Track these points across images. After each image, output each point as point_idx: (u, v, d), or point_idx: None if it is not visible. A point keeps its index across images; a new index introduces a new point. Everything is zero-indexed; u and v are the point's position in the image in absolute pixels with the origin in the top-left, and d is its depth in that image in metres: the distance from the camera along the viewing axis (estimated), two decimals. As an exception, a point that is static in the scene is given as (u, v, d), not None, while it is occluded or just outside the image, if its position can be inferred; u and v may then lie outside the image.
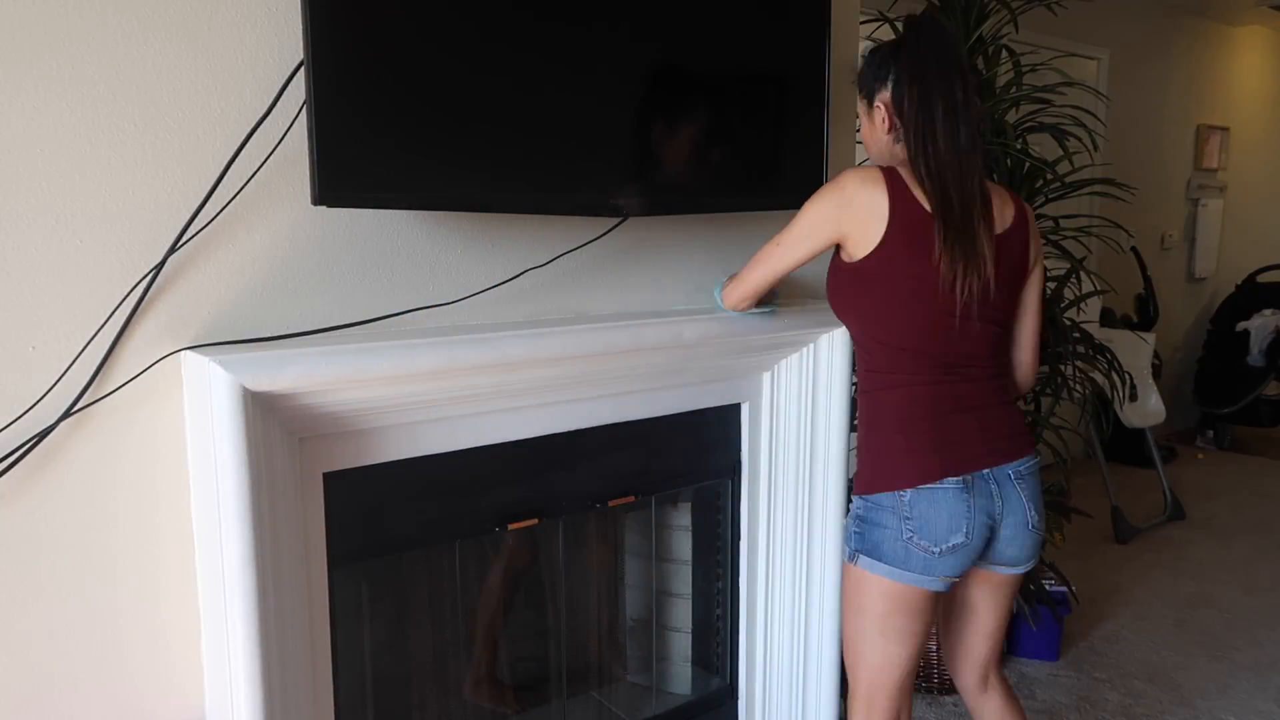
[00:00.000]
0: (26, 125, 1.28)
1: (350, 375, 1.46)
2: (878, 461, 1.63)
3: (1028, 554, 1.67)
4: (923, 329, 1.58)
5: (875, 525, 1.60)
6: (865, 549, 1.62)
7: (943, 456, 1.58)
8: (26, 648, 1.35)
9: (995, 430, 1.62)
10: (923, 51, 1.56)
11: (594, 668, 2.28)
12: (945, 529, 1.57)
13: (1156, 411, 4.50)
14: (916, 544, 1.57)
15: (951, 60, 1.56)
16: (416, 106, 1.46)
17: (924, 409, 1.60)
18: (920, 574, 1.58)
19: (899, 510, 1.58)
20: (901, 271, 1.56)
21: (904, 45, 1.59)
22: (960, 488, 1.57)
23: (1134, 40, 5.09)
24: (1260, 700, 2.74)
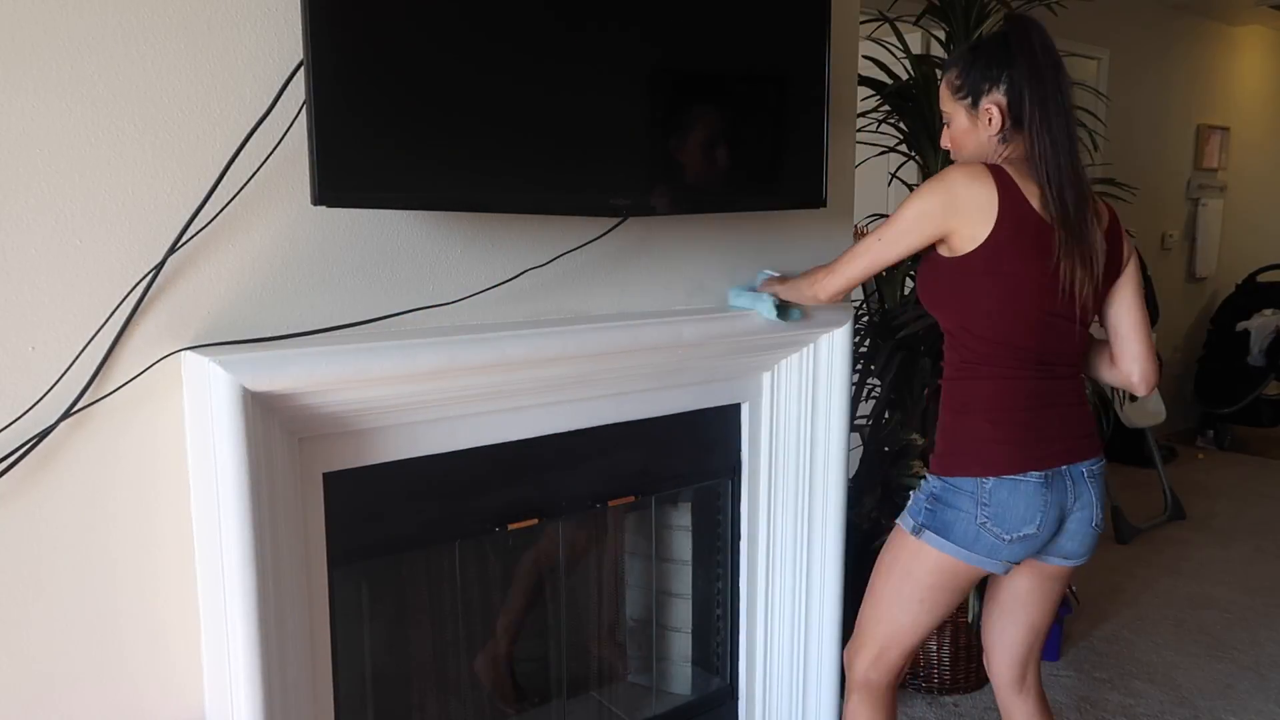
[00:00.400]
0: (26, 125, 1.28)
1: (350, 375, 1.46)
2: (963, 446, 1.65)
3: (1086, 549, 1.71)
4: (1023, 327, 1.60)
5: (949, 506, 1.63)
6: (935, 526, 1.64)
7: (1028, 450, 1.61)
8: (26, 648, 1.35)
9: (1076, 428, 1.66)
10: (1036, 51, 1.57)
11: (594, 668, 2.28)
12: (1020, 519, 1.60)
13: (1156, 411, 4.49)
14: (989, 529, 1.60)
15: (1058, 60, 1.58)
16: (416, 106, 1.46)
17: (1015, 401, 1.62)
18: (985, 556, 1.62)
19: (978, 496, 1.60)
20: (1006, 269, 1.57)
21: (1015, 45, 1.59)
22: (1041, 482, 1.60)
23: (1134, 40, 5.08)
24: (1260, 700, 2.73)
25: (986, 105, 1.63)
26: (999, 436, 1.62)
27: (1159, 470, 4.37)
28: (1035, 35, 1.59)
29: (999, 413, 1.63)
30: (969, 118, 1.67)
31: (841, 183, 2.21)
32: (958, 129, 1.70)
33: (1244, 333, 5.52)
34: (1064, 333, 1.63)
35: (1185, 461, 5.28)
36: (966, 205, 1.56)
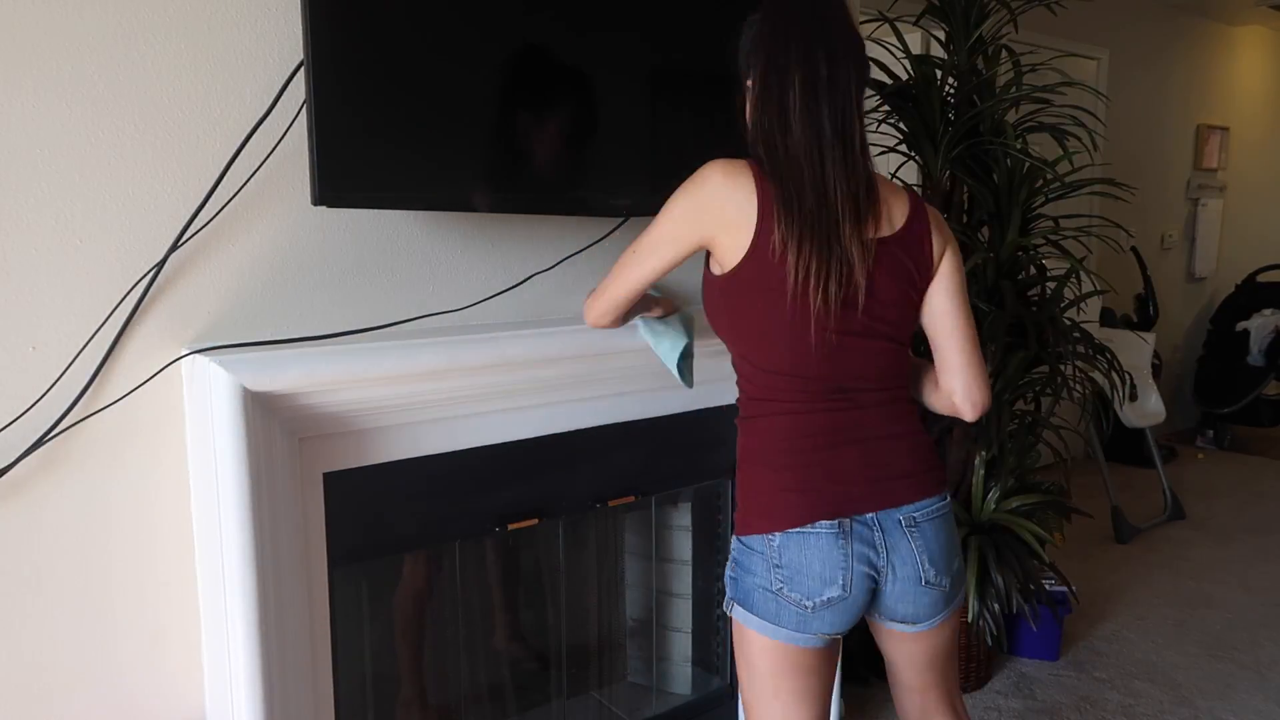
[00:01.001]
0: (26, 125, 1.28)
1: (350, 375, 1.46)
2: (749, 499, 1.40)
3: (927, 613, 1.41)
4: (799, 349, 1.34)
5: (747, 572, 1.38)
6: (738, 598, 1.40)
7: (817, 496, 1.35)
8: (26, 648, 1.35)
9: (885, 467, 1.38)
10: (780, 21, 1.33)
11: (594, 668, 2.28)
12: (818, 580, 1.33)
13: (1156, 411, 4.50)
14: (787, 596, 1.35)
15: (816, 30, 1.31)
16: (416, 106, 1.46)
17: (800, 441, 1.37)
18: (794, 631, 1.36)
19: (769, 556, 1.35)
20: (775, 284, 1.31)
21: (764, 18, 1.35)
22: (835, 533, 1.34)
23: (1134, 40, 5.09)
24: (1260, 700, 2.73)
25: (746, 86, 1.40)
26: (784, 483, 1.36)
27: (1159, 470, 4.38)
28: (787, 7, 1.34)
29: (784, 455, 1.37)
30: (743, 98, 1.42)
31: (841, 183, 2.21)
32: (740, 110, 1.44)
33: (1244, 333, 5.52)
34: (857, 351, 1.36)
35: (1185, 461, 5.28)
36: (724, 209, 1.32)
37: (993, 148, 2.62)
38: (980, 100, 2.66)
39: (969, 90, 2.68)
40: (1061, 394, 2.72)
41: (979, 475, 2.72)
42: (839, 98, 1.31)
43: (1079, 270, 2.68)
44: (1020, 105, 2.71)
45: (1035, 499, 2.72)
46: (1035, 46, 3.12)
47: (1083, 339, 2.72)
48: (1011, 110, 2.70)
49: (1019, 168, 2.63)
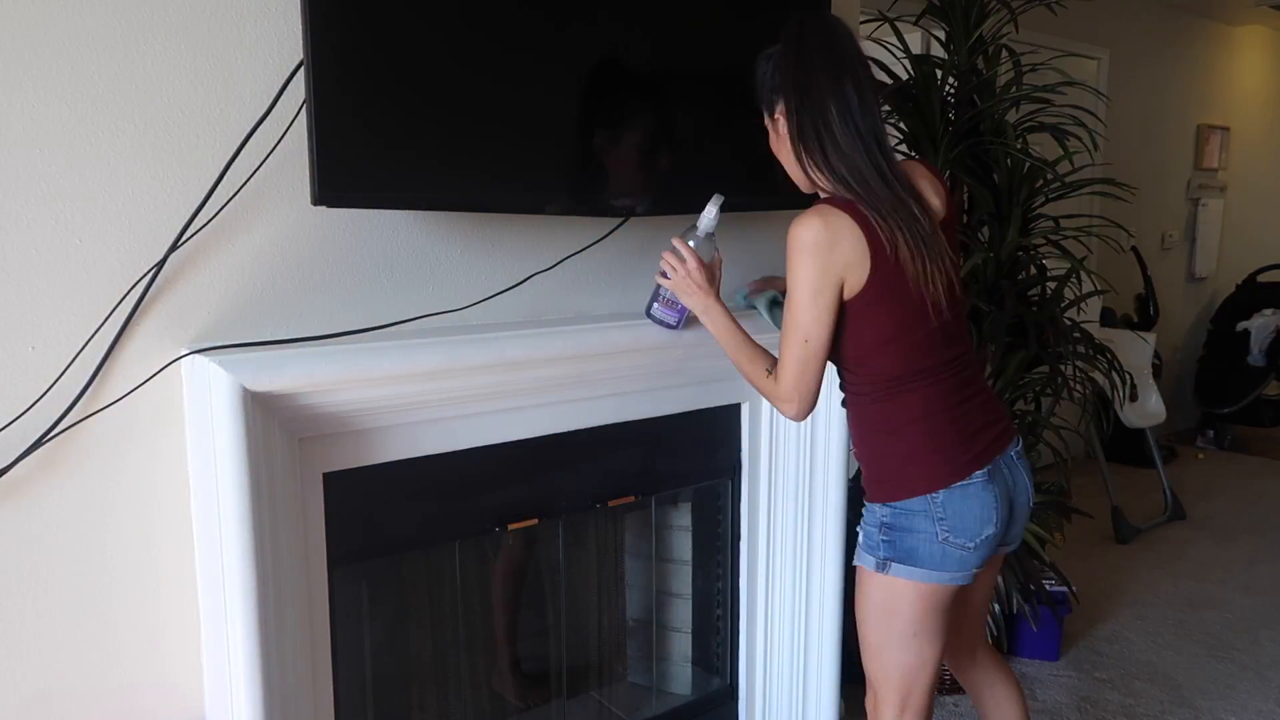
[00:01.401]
0: (26, 125, 1.28)
1: (350, 375, 1.46)
2: (902, 467, 1.58)
3: (1020, 532, 1.70)
4: (927, 332, 1.54)
5: (907, 531, 1.56)
6: (898, 556, 1.57)
7: (967, 451, 1.56)
8: (27, 648, 1.35)
9: (994, 415, 1.62)
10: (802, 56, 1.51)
11: (594, 668, 2.28)
12: (979, 522, 1.56)
13: (1156, 411, 4.49)
14: (952, 543, 1.55)
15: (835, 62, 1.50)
16: (416, 106, 1.46)
17: (943, 406, 1.57)
18: (955, 572, 1.57)
19: (932, 512, 1.55)
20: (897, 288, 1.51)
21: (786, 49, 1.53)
22: (986, 479, 1.57)
23: (1134, 40, 5.08)
24: (1260, 700, 2.73)
25: (777, 115, 1.57)
26: (937, 445, 1.57)
27: (1159, 470, 4.37)
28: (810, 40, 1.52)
29: (930, 422, 1.57)
30: (773, 130, 1.61)
31: (841, 183, 2.21)
32: (772, 141, 1.63)
33: (1244, 333, 5.52)
34: (957, 321, 1.59)
35: (1185, 461, 5.28)
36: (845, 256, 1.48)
37: (993, 148, 2.62)
38: (980, 100, 2.66)
39: (969, 90, 2.68)
40: (1062, 394, 2.72)
41: (979, 475, 2.72)
42: (869, 118, 1.50)
43: (1079, 270, 2.68)
44: (1020, 105, 2.71)
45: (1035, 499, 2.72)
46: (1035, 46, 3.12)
47: (1083, 339, 2.72)
48: (1012, 110, 2.69)
49: (1019, 168, 2.63)
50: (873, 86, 1.52)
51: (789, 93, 1.52)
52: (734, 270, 2.06)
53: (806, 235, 1.48)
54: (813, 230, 1.47)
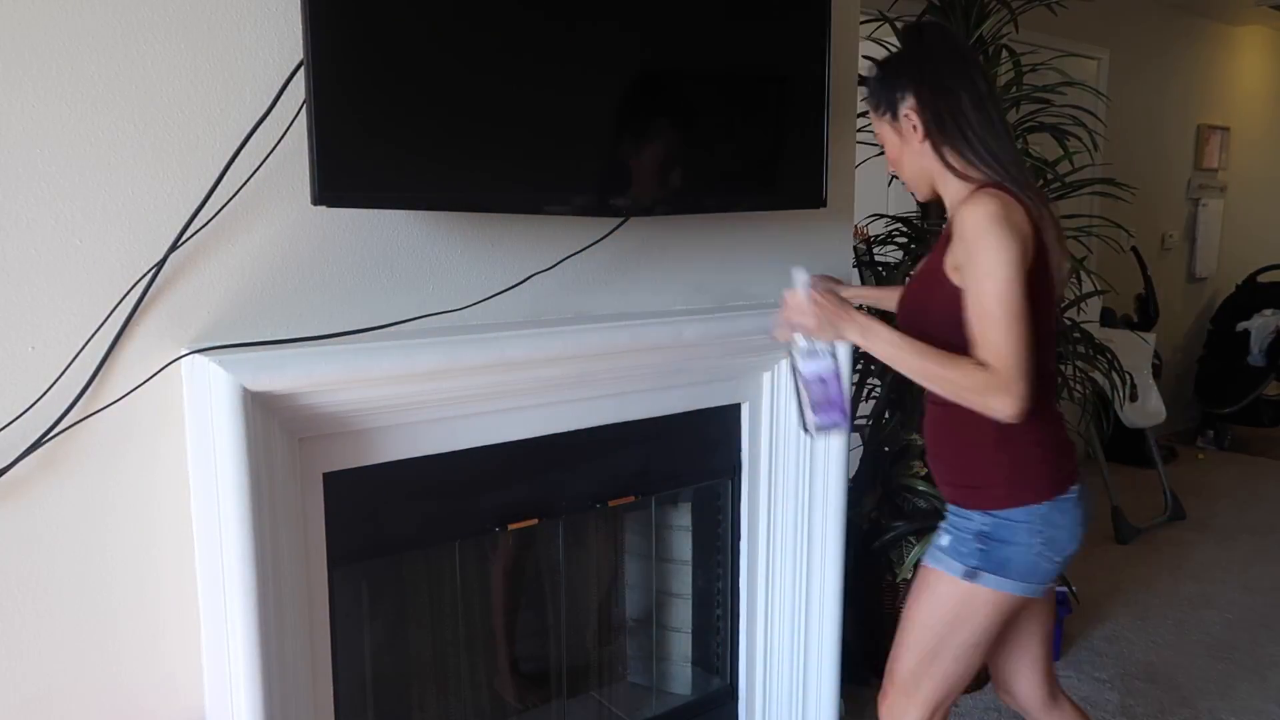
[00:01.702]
0: (26, 125, 1.28)
1: (350, 375, 1.46)
2: (1012, 475, 1.52)
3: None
4: (1049, 339, 1.51)
5: (1007, 543, 1.51)
6: (990, 566, 1.52)
7: (1068, 462, 1.54)
8: (27, 648, 1.35)
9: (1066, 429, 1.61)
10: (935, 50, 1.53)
11: (594, 668, 2.28)
12: (1070, 537, 1.53)
13: (1157, 411, 4.49)
14: (1044, 555, 1.52)
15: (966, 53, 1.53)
16: (416, 106, 1.46)
17: (1051, 412, 1.54)
18: (1040, 584, 1.55)
19: (1034, 524, 1.50)
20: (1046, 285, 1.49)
21: (910, 49, 1.56)
22: (1079, 493, 1.54)
23: (1134, 40, 5.08)
24: (1260, 700, 2.73)
25: (905, 112, 1.54)
26: (1045, 456, 1.53)
27: (1159, 470, 4.37)
28: (930, 35, 1.55)
29: (1043, 430, 1.53)
30: (894, 131, 1.59)
31: (841, 183, 2.21)
32: (891, 148, 1.62)
33: (1244, 333, 5.52)
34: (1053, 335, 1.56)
35: (1185, 461, 5.28)
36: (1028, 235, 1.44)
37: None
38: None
39: (969, 90, 2.67)
40: (1061, 394, 2.72)
41: (979, 475, 2.72)
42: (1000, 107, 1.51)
43: (1079, 270, 2.68)
44: (1021, 105, 2.71)
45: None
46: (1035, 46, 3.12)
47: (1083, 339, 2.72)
48: (1012, 110, 2.70)
49: (1019, 168, 2.63)
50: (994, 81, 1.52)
51: (920, 86, 1.51)
52: (735, 270, 2.06)
53: (994, 207, 1.41)
54: (998, 202, 1.41)
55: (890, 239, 2.94)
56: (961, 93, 1.48)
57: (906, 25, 1.58)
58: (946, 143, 1.51)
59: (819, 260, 2.22)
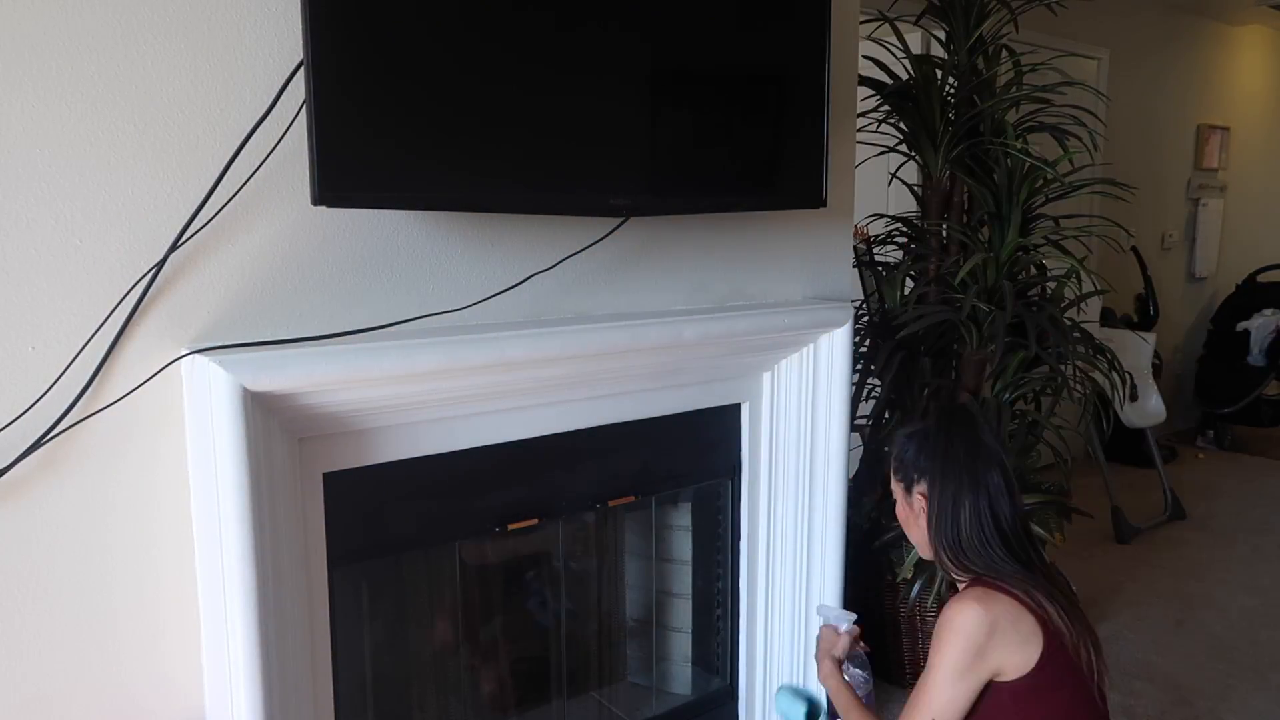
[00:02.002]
0: (26, 125, 1.28)
1: (350, 375, 1.46)
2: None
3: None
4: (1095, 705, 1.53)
5: None
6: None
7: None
8: (27, 648, 1.35)
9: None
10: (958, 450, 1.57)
11: (594, 668, 2.28)
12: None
13: (1157, 411, 4.49)
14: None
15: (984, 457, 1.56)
16: (416, 106, 1.46)
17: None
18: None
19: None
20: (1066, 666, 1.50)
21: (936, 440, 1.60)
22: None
23: (1134, 40, 5.08)
24: (1260, 700, 2.73)
25: (917, 494, 1.62)
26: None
27: (1159, 470, 4.37)
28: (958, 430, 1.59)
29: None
30: (906, 502, 1.66)
31: (841, 183, 2.21)
32: (901, 510, 1.68)
33: (1244, 333, 5.52)
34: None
35: (1185, 461, 5.28)
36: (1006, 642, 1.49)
37: (993, 147, 2.62)
38: (980, 100, 2.66)
39: (969, 90, 2.68)
40: (1062, 394, 2.72)
41: (979, 475, 2.72)
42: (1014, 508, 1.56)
43: (1079, 270, 2.68)
44: (1020, 105, 2.71)
45: (1036, 499, 2.72)
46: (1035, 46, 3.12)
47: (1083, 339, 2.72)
48: (1012, 110, 2.69)
49: (1019, 167, 2.63)
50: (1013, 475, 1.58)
51: (934, 482, 1.58)
52: (736, 271, 2.06)
53: (963, 622, 1.47)
54: (971, 618, 1.47)
55: (890, 239, 2.94)
56: (966, 503, 1.54)
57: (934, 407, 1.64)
58: (943, 544, 1.57)
59: (819, 259, 2.22)
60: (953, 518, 1.55)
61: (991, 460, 1.57)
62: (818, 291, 2.22)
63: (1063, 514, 2.81)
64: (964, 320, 2.57)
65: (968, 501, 1.55)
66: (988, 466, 1.56)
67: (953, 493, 1.56)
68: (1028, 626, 1.48)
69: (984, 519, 1.54)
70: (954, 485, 1.56)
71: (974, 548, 1.54)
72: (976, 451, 1.57)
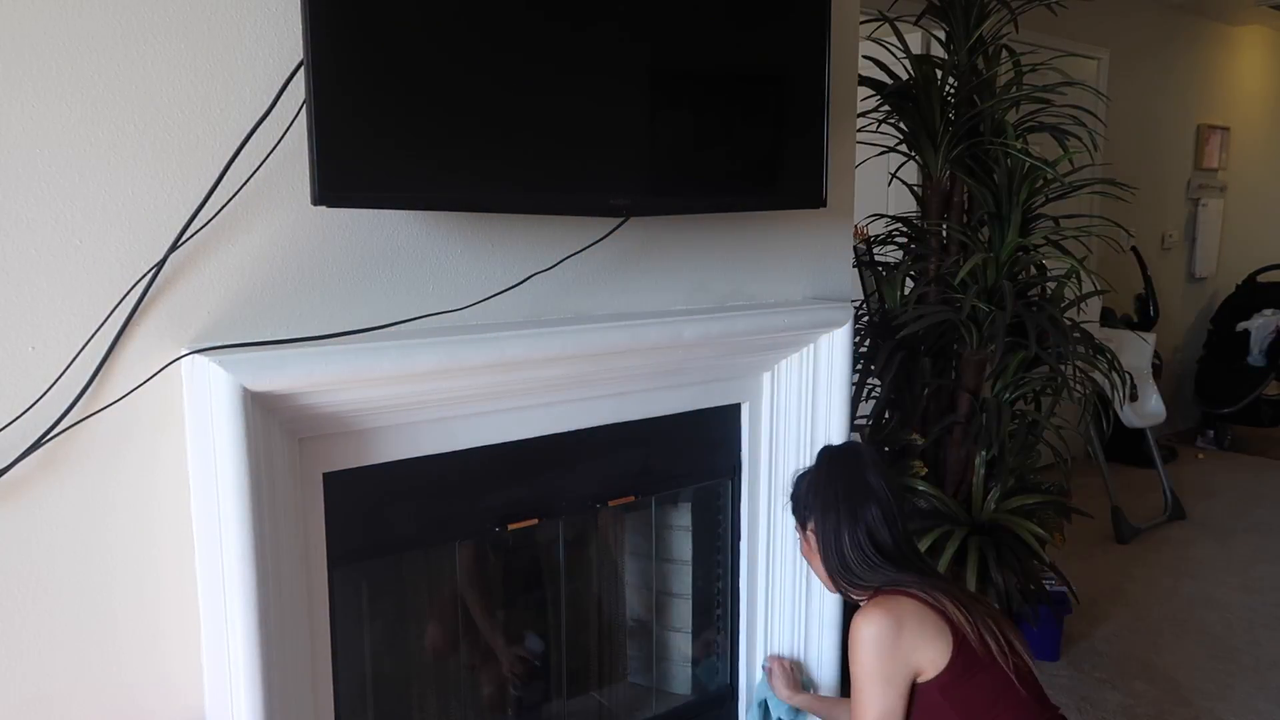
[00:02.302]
0: (26, 125, 1.28)
1: (350, 375, 1.46)
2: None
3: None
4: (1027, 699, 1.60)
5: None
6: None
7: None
8: (26, 648, 1.35)
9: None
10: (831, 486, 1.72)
11: (594, 668, 2.28)
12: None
13: (1156, 411, 4.49)
14: None
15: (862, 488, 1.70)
16: (416, 106, 1.46)
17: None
18: None
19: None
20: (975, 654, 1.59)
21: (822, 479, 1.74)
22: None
23: (1134, 40, 5.08)
24: (1260, 700, 2.73)
25: (810, 530, 1.75)
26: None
27: (1159, 470, 4.37)
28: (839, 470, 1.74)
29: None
30: (803, 537, 1.79)
31: (841, 183, 2.21)
32: (802, 546, 1.81)
33: (1244, 333, 5.52)
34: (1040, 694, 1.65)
35: (1185, 461, 5.28)
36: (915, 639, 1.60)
37: (993, 148, 2.62)
38: (980, 100, 2.66)
39: (969, 90, 2.68)
40: (1061, 394, 2.72)
41: (979, 475, 2.72)
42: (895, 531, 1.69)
43: (1079, 270, 2.68)
44: (1020, 105, 2.71)
45: (1035, 499, 2.72)
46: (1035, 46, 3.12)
47: (1083, 339, 2.72)
48: (1012, 110, 2.70)
49: (1019, 167, 2.63)
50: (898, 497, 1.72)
51: (820, 517, 1.72)
52: (736, 271, 2.06)
53: (870, 629, 1.58)
54: (875, 625, 1.58)
55: (890, 239, 2.94)
56: (845, 536, 1.68)
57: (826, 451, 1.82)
58: (835, 572, 1.71)
59: (819, 260, 2.22)
60: (837, 550, 1.69)
61: (870, 496, 1.70)
62: (818, 291, 2.22)
63: (1063, 514, 2.81)
64: (964, 320, 2.57)
65: (846, 534, 1.68)
66: (865, 502, 1.69)
67: (833, 527, 1.70)
68: (933, 622, 1.58)
69: (866, 549, 1.67)
70: (834, 520, 1.70)
71: (864, 571, 1.67)
72: (855, 488, 1.71)
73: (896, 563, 1.67)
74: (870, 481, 1.72)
